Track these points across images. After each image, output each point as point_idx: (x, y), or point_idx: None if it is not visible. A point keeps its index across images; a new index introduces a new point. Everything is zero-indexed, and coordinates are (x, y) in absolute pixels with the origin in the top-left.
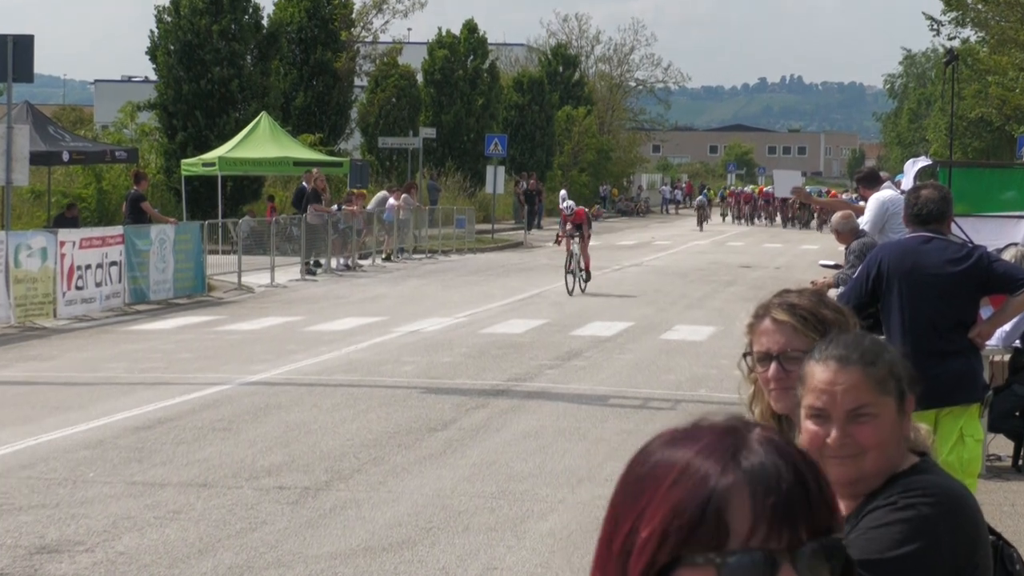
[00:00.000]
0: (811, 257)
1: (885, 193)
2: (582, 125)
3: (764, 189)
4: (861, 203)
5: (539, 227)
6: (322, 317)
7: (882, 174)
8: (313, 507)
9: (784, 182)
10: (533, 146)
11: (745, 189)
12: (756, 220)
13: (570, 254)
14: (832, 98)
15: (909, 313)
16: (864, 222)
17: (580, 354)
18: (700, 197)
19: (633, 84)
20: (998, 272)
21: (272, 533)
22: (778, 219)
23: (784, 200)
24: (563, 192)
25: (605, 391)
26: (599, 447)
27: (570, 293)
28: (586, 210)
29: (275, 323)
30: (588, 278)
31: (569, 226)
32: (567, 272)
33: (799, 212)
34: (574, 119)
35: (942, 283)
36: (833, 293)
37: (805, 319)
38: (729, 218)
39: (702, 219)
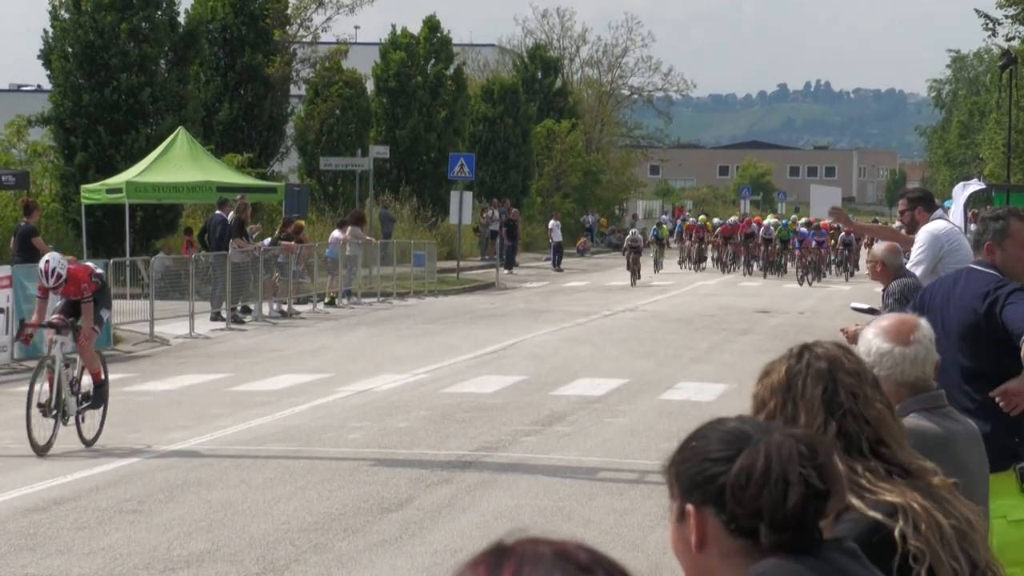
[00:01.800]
0: (841, 300)
1: (938, 225)
2: (565, 142)
3: (755, 220)
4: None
5: (516, 265)
6: (252, 374)
7: None
8: None
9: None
10: (507, 167)
11: (693, 220)
12: (722, 264)
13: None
14: (867, 108)
15: (943, 358)
16: (913, 260)
17: (563, 418)
18: (633, 232)
19: (627, 93)
20: (1006, 317)
21: None
22: (755, 265)
23: (767, 241)
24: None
25: (594, 462)
26: (587, 530)
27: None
28: None
29: (195, 382)
30: None
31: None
32: None
33: (777, 255)
34: (556, 135)
35: (961, 325)
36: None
37: None
38: (688, 263)
39: (635, 267)
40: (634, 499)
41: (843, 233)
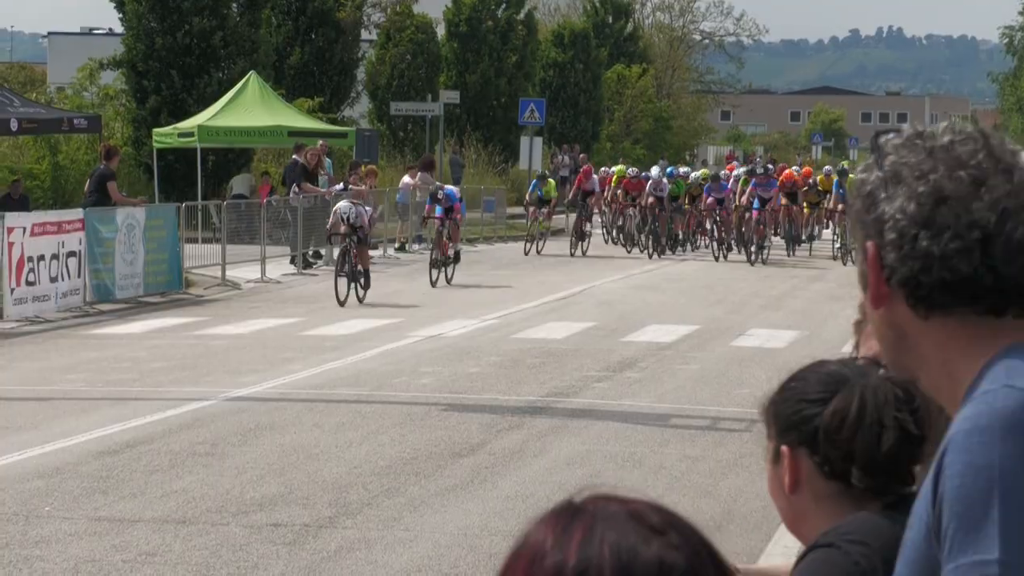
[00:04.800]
0: None
1: None
2: (636, 87)
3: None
4: None
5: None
6: (323, 319)
7: None
8: (314, 548)
9: None
10: (576, 113)
11: (633, 173)
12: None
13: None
14: (939, 54)
15: None
16: None
17: (634, 364)
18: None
19: (698, 38)
20: None
21: None
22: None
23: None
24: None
25: (665, 409)
26: (658, 476)
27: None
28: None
29: (267, 326)
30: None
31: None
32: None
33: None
34: (626, 80)
35: None
36: None
37: None
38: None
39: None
40: (705, 446)
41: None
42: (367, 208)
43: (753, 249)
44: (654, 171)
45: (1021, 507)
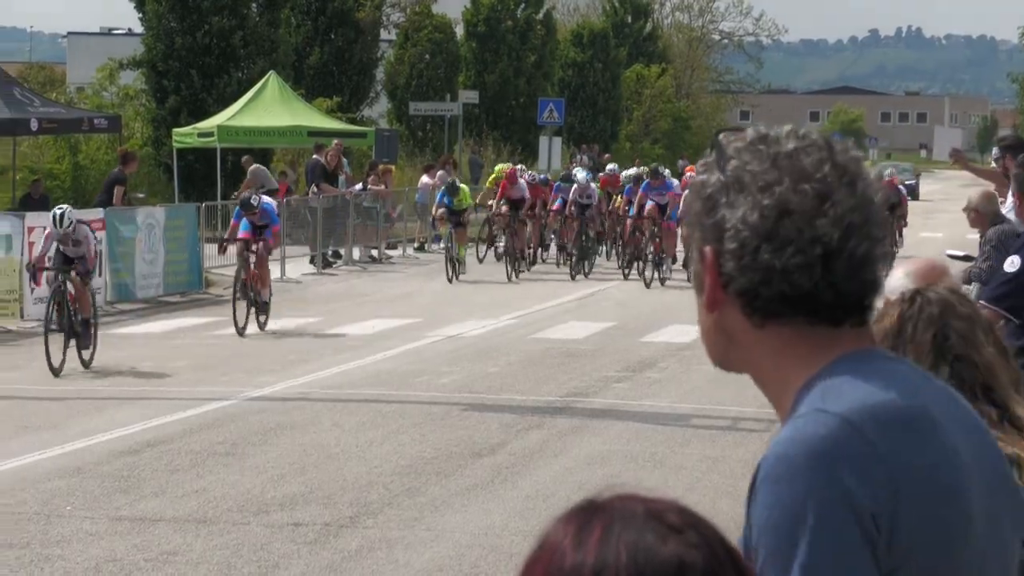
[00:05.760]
0: (935, 246)
1: None
2: (655, 87)
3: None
4: None
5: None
6: (343, 319)
7: None
8: (335, 548)
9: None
10: (595, 112)
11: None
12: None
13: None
14: (958, 54)
15: None
16: (1010, 205)
17: (654, 364)
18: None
19: (717, 37)
20: None
21: None
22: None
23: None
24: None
25: (685, 409)
26: (679, 476)
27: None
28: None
29: (287, 326)
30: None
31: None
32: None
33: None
34: (645, 80)
35: None
36: (966, 291)
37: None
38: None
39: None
40: (726, 446)
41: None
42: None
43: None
44: (580, 174)
45: (822, 547)
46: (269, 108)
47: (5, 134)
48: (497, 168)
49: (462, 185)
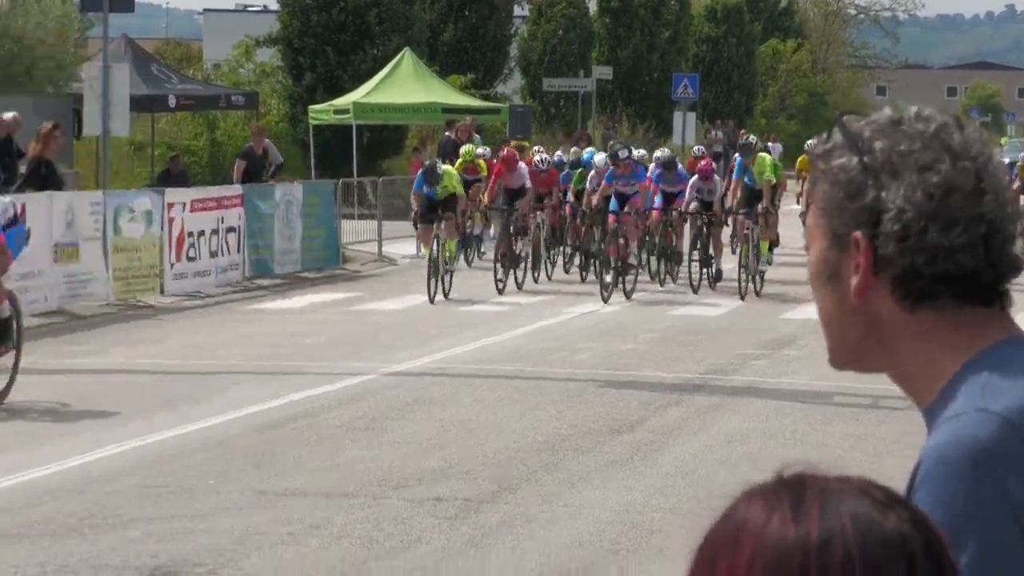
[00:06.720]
0: None
1: None
2: (790, 62)
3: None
4: None
5: None
6: (479, 295)
7: None
8: (476, 523)
9: None
10: (730, 88)
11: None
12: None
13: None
14: None
15: None
16: None
17: (792, 342)
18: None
19: (853, 12)
20: None
21: (428, 553)
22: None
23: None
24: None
25: (826, 387)
26: (821, 454)
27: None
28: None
29: (422, 301)
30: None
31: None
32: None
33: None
34: (781, 55)
35: None
36: None
37: None
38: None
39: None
40: (868, 424)
41: None
42: None
43: (608, 277)
44: (598, 158)
45: (983, 547)
46: (404, 85)
47: (143, 110)
48: (464, 150)
49: (446, 167)
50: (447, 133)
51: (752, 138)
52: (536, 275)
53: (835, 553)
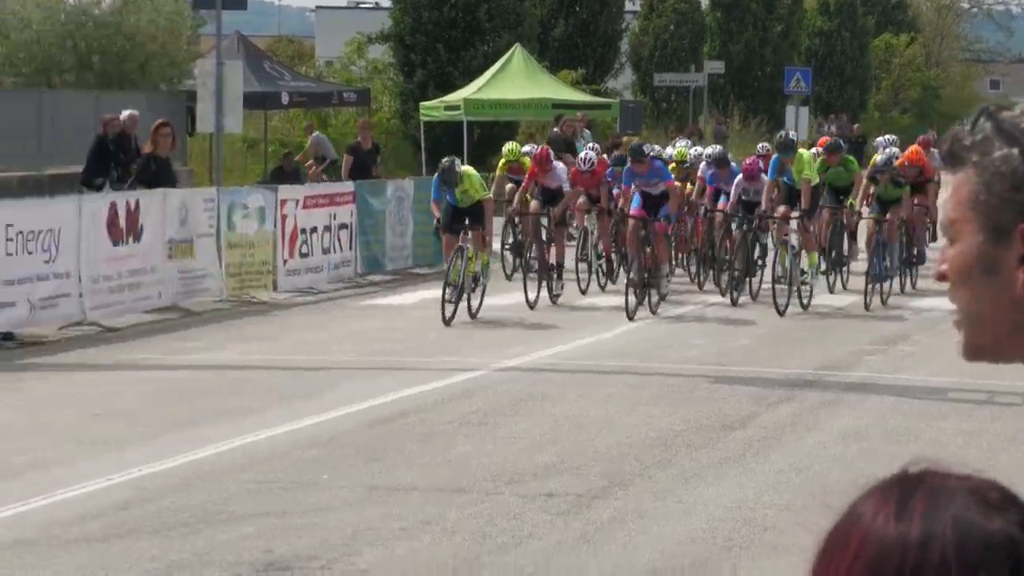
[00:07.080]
0: None
1: None
2: (904, 56)
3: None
4: None
5: None
6: (588, 291)
7: None
8: (588, 518)
9: None
10: (843, 82)
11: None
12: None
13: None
14: None
15: None
16: None
17: (907, 337)
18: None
19: (966, 6)
20: None
21: (541, 549)
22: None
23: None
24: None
25: (941, 382)
26: (936, 451)
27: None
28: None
29: (531, 299)
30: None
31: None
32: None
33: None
34: (894, 49)
35: None
36: None
37: None
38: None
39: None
40: (983, 420)
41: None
42: None
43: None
44: (691, 152)
45: None
46: (515, 81)
47: (256, 107)
48: (507, 148)
49: (466, 168)
50: (555, 129)
51: (793, 134)
52: (583, 286)
53: (932, 555)
